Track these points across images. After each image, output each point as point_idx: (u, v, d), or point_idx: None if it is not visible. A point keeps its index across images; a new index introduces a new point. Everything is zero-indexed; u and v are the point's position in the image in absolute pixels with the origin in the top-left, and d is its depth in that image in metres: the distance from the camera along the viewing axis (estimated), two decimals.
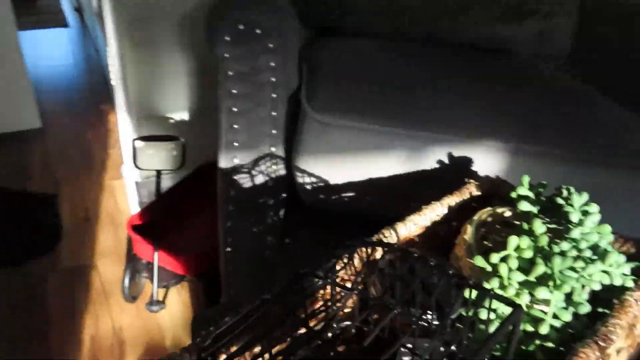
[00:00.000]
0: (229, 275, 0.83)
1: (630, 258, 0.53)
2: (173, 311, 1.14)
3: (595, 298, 0.51)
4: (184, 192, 1.20)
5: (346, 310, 0.58)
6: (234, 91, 0.81)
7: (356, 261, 0.55)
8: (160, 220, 1.09)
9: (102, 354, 1.08)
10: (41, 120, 1.75)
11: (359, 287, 0.52)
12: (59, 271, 1.26)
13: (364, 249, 0.57)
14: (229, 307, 0.82)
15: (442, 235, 0.63)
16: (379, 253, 0.57)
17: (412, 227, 0.58)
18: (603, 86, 0.94)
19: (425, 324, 0.53)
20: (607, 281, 0.50)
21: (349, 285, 0.55)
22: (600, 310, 0.51)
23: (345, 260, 0.55)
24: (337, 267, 0.55)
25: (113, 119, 1.81)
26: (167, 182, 1.38)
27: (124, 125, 1.38)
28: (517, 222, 0.60)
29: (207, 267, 1.06)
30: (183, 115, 1.32)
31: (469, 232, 0.56)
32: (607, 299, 0.51)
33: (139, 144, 1.10)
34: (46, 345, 1.09)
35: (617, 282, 0.50)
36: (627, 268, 0.51)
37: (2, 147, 1.67)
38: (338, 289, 0.55)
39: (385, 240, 0.57)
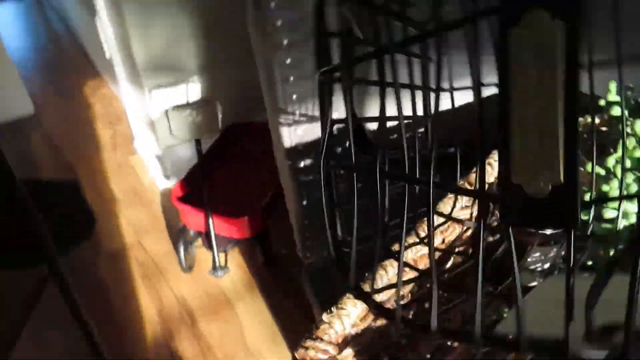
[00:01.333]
0: (305, 229, 0.85)
1: None
2: (230, 274, 1.16)
3: None
4: (219, 155, 1.18)
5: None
6: (285, 42, 0.79)
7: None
8: (203, 187, 1.08)
9: (173, 324, 1.10)
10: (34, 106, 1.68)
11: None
12: (104, 255, 1.25)
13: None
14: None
15: None
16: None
17: None
18: None
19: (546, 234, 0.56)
20: None
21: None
22: None
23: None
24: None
25: (106, 93, 1.74)
26: (186, 151, 1.35)
27: (129, 99, 1.33)
28: (605, 129, 0.63)
29: (262, 227, 1.07)
30: (197, 78, 1.28)
31: None
32: None
33: (173, 113, 1.07)
34: (121, 324, 1.10)
35: None
36: None
37: None
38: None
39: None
